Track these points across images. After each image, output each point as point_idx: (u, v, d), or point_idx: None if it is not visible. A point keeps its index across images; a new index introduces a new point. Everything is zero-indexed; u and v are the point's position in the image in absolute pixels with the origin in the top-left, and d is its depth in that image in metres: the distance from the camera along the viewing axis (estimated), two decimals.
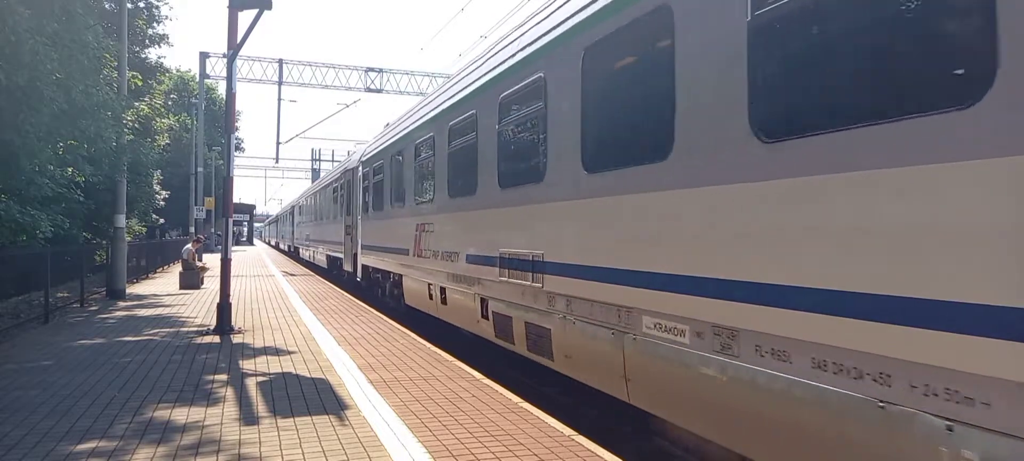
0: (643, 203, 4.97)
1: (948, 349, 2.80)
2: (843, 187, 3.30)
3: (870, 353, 3.13)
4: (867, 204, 3.18)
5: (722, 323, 4.09)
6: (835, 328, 3.31)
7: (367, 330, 10.84)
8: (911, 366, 2.95)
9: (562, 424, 5.64)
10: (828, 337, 3.35)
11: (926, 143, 2.93)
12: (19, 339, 10.03)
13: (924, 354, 2.89)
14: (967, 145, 2.77)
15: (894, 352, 3.02)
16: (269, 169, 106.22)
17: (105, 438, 5.19)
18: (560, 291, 6.17)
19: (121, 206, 15.97)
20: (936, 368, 2.84)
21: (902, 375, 2.98)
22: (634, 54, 5.25)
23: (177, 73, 49.42)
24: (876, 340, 3.10)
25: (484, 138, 8.14)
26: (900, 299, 3.00)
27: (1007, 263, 2.62)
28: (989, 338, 2.65)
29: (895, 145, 3.06)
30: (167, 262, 27.84)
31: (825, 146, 3.41)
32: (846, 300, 3.26)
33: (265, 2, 10.06)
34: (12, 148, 10.24)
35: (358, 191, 17.62)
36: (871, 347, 3.12)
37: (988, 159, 2.70)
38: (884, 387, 3.06)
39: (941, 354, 2.82)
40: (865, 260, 3.18)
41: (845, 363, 3.26)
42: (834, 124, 3.37)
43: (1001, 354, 2.61)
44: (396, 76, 41.46)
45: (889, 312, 3.04)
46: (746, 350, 3.89)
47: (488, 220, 7.96)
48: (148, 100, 27.34)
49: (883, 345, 3.07)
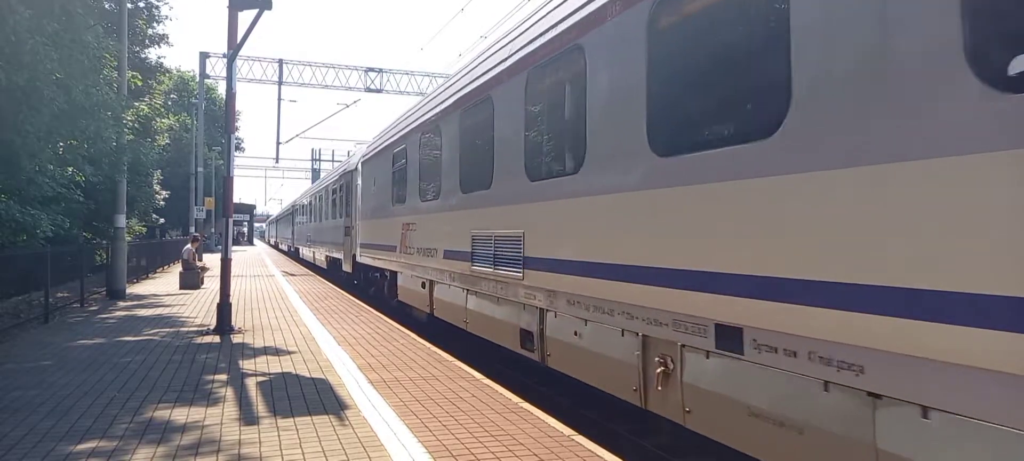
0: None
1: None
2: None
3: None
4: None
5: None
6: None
7: (367, 330, 10.84)
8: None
9: (562, 424, 5.64)
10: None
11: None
12: (19, 339, 10.03)
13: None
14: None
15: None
16: (269, 169, 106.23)
17: (105, 438, 5.19)
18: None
19: (121, 206, 15.96)
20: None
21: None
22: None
23: (177, 73, 49.37)
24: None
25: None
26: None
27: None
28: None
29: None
30: (167, 262, 27.83)
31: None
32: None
33: (265, 2, 10.06)
34: (12, 148, 10.23)
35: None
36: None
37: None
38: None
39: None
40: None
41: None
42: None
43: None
44: (396, 76, 41.46)
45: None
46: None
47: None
48: (148, 100, 27.35)
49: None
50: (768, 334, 3.70)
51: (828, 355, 3.33)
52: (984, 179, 2.69)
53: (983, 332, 2.66)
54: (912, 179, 2.97)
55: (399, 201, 12.69)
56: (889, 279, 3.05)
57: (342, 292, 17.77)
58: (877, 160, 3.14)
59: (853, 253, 3.22)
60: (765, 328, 3.72)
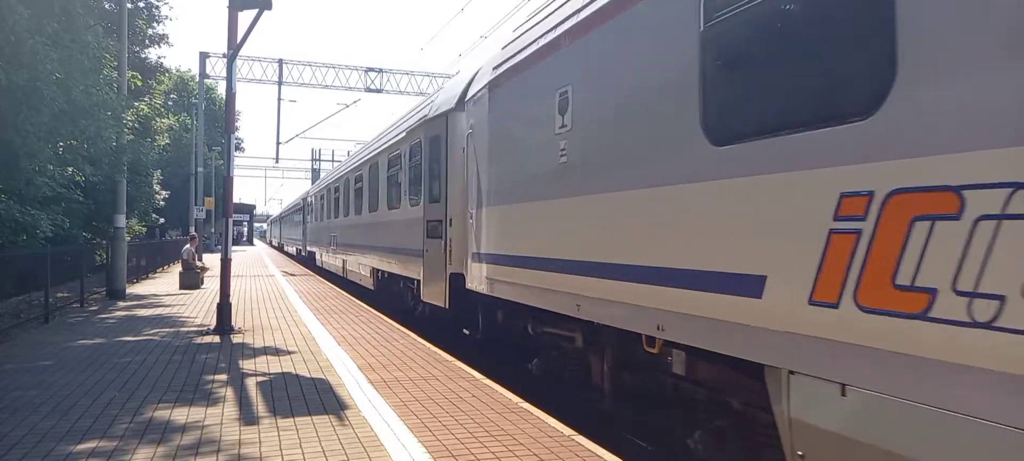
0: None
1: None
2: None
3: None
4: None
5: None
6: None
7: (367, 330, 10.84)
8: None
9: (562, 424, 5.64)
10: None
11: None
12: (19, 339, 10.03)
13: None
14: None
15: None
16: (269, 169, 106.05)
17: (105, 438, 5.19)
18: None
19: (121, 206, 15.96)
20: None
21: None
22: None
23: (177, 73, 49.35)
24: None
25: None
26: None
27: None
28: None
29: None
30: (167, 262, 27.84)
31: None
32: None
33: (265, 2, 10.06)
34: (12, 148, 10.24)
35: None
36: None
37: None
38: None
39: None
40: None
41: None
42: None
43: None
44: (396, 76, 41.39)
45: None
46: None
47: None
48: (148, 100, 27.35)
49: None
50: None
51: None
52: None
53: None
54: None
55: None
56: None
57: (342, 292, 17.73)
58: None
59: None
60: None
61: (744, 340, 3.78)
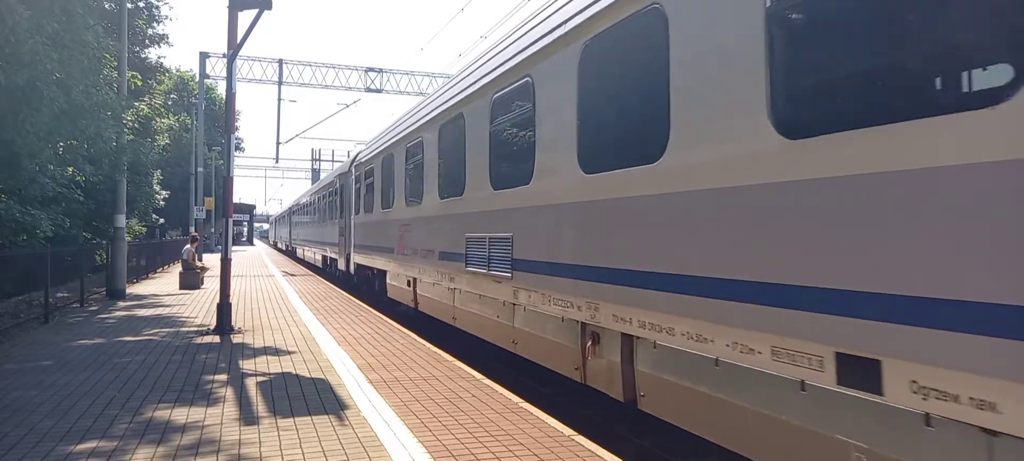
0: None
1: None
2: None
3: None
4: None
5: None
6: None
7: (367, 330, 10.84)
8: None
9: (562, 424, 5.64)
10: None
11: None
12: (19, 339, 10.03)
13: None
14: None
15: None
16: (269, 169, 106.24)
17: (105, 438, 5.19)
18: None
19: (121, 206, 15.96)
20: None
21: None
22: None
23: (177, 73, 49.40)
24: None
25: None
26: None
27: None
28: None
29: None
30: (167, 262, 27.84)
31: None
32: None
33: (265, 2, 10.06)
34: (13, 148, 10.24)
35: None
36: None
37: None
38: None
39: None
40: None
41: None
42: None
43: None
44: (396, 76, 41.46)
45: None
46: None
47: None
48: (148, 100, 27.35)
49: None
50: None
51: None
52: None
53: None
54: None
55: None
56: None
57: (342, 292, 17.76)
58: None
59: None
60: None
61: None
